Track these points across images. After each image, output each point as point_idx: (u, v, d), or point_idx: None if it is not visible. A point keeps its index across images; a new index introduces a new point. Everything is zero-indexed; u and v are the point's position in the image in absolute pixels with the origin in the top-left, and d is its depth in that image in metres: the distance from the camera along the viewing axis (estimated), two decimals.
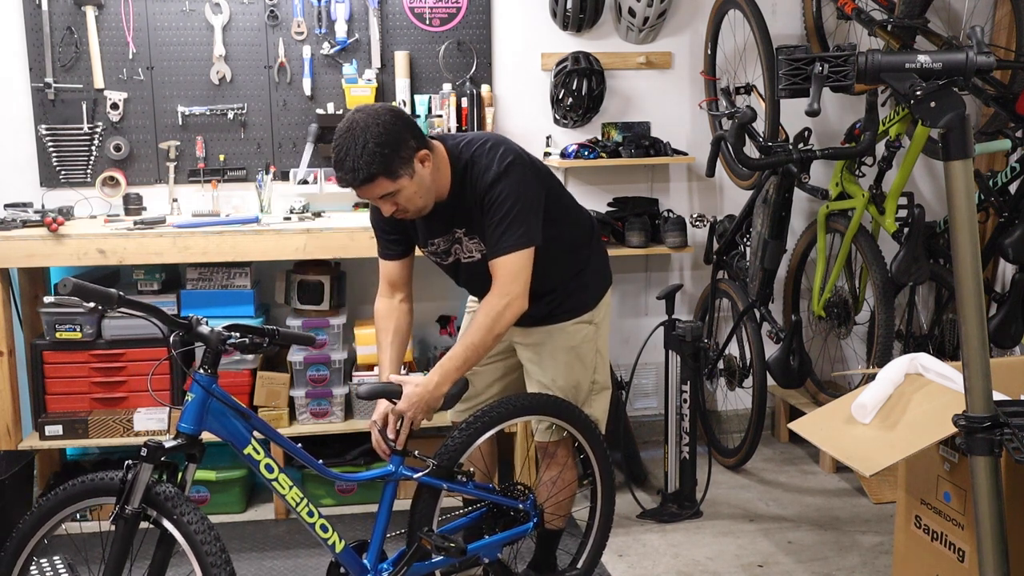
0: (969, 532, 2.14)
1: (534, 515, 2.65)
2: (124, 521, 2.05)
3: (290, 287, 3.67)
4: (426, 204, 2.38)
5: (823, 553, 3.25)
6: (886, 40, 3.52)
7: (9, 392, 3.39)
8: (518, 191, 2.35)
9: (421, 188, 2.33)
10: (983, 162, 4.11)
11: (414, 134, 2.30)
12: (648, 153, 4.00)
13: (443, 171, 2.40)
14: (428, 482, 2.44)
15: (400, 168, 2.25)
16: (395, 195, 2.30)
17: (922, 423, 2.11)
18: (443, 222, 2.48)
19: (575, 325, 2.66)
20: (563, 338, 2.65)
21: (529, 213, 2.38)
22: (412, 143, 2.28)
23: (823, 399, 3.97)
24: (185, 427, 2.11)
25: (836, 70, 1.76)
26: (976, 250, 1.70)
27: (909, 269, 3.34)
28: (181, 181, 3.85)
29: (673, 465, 3.56)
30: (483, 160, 2.38)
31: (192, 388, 2.13)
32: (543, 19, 4.08)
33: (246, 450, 2.19)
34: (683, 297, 4.36)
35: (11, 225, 3.35)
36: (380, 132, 2.22)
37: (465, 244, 2.50)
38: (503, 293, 2.37)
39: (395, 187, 2.27)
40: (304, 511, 2.27)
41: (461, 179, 2.40)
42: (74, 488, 2.12)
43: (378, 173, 2.23)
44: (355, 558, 2.37)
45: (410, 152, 2.27)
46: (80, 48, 3.73)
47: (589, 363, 2.71)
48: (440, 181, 2.40)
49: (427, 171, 2.32)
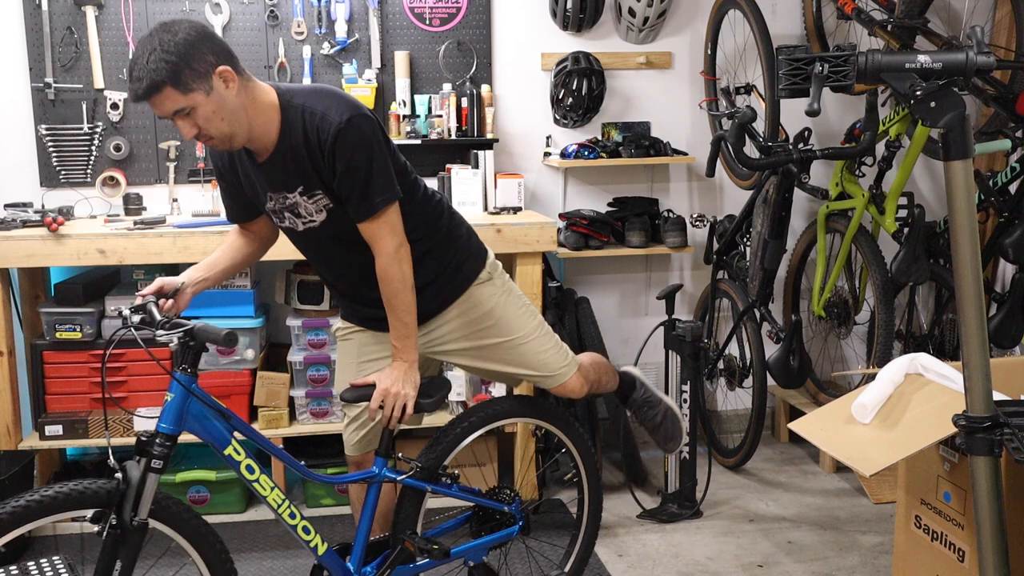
0: (969, 532, 2.14)
1: (520, 518, 2.64)
2: (128, 532, 2.01)
3: (290, 287, 3.67)
4: (233, 132, 2.17)
5: (823, 553, 3.25)
6: (886, 40, 3.52)
7: (9, 392, 3.39)
8: (367, 145, 2.20)
9: (222, 109, 2.12)
10: (983, 162, 4.11)
11: (215, 51, 2.10)
12: (648, 153, 4.00)
13: (268, 115, 2.20)
14: (412, 484, 2.42)
15: (192, 81, 2.05)
16: (191, 113, 2.10)
17: (922, 423, 2.11)
18: (275, 176, 2.28)
19: (476, 288, 2.51)
20: (474, 308, 2.51)
21: (384, 165, 2.24)
22: (210, 57, 2.08)
23: (823, 399, 3.97)
24: (165, 427, 2.07)
25: (836, 70, 1.76)
26: (976, 250, 1.70)
27: (909, 269, 3.34)
28: (181, 181, 3.85)
29: (673, 465, 3.56)
30: (319, 108, 2.19)
31: (171, 388, 2.10)
32: (543, 19, 4.08)
33: (226, 451, 2.16)
34: (683, 297, 4.36)
35: (11, 225, 3.35)
36: (172, 41, 2.04)
37: (303, 207, 2.29)
38: (387, 251, 2.26)
39: (187, 102, 2.07)
40: (286, 513, 2.24)
41: (292, 128, 2.20)
42: (59, 497, 2.00)
43: (164, 82, 2.03)
44: (338, 561, 2.35)
45: (206, 66, 2.07)
46: (80, 48, 3.73)
47: (516, 313, 2.55)
48: (263, 123, 2.20)
49: (231, 93, 2.12)
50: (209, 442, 2.16)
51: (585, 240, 3.95)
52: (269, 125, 2.21)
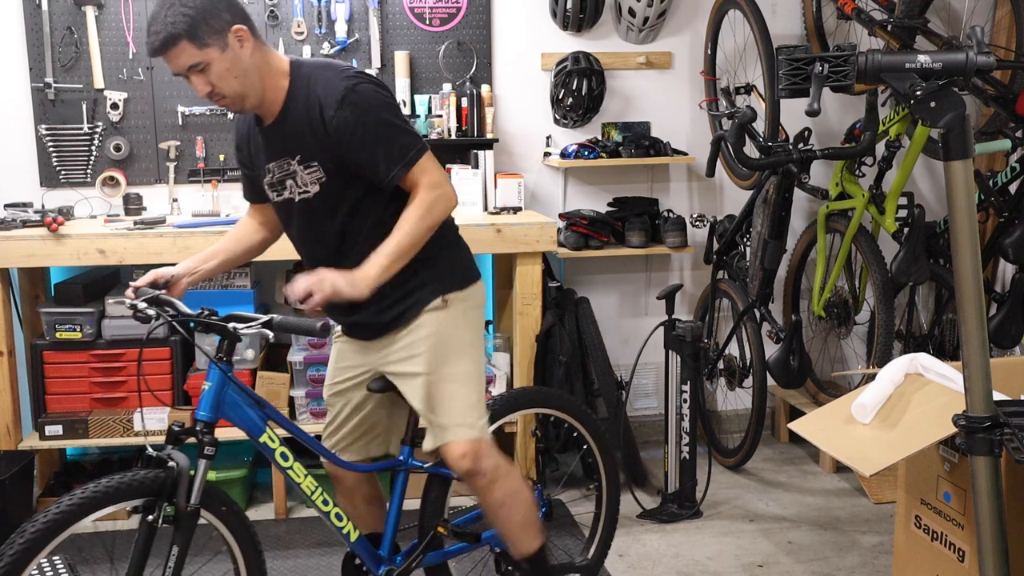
0: (969, 532, 2.14)
1: (543, 506, 2.67)
2: (182, 520, 2.03)
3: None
4: (245, 92, 2.17)
5: (823, 553, 3.25)
6: (886, 40, 3.52)
7: (9, 392, 3.39)
8: (379, 102, 2.16)
9: (236, 68, 2.13)
10: (983, 162, 4.11)
11: (232, 10, 2.13)
12: (648, 153, 4.00)
13: (278, 80, 2.21)
14: (438, 472, 2.43)
15: (208, 36, 2.08)
16: (204, 70, 2.11)
17: (922, 423, 2.11)
18: (277, 143, 2.27)
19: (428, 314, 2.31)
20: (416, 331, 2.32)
21: (403, 120, 2.20)
22: (226, 15, 2.11)
23: (823, 399, 3.97)
24: (203, 415, 2.11)
25: (836, 70, 1.76)
26: (976, 250, 1.70)
27: (909, 269, 3.34)
28: (181, 181, 3.85)
29: (673, 465, 3.56)
30: (325, 76, 2.19)
31: (209, 376, 2.13)
32: (543, 19, 4.08)
33: (262, 438, 2.20)
34: (683, 297, 4.36)
35: (11, 225, 3.35)
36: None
37: (300, 176, 2.25)
38: (426, 186, 2.18)
39: (202, 57, 2.09)
40: (319, 500, 2.28)
41: (297, 93, 2.21)
42: (113, 489, 2.00)
43: (181, 35, 2.06)
44: (370, 548, 2.39)
45: (223, 24, 2.10)
46: (80, 48, 3.73)
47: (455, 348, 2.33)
48: (273, 88, 2.21)
49: (246, 52, 2.14)
50: (244, 430, 2.19)
51: (585, 240, 3.95)
52: (278, 91, 2.22)
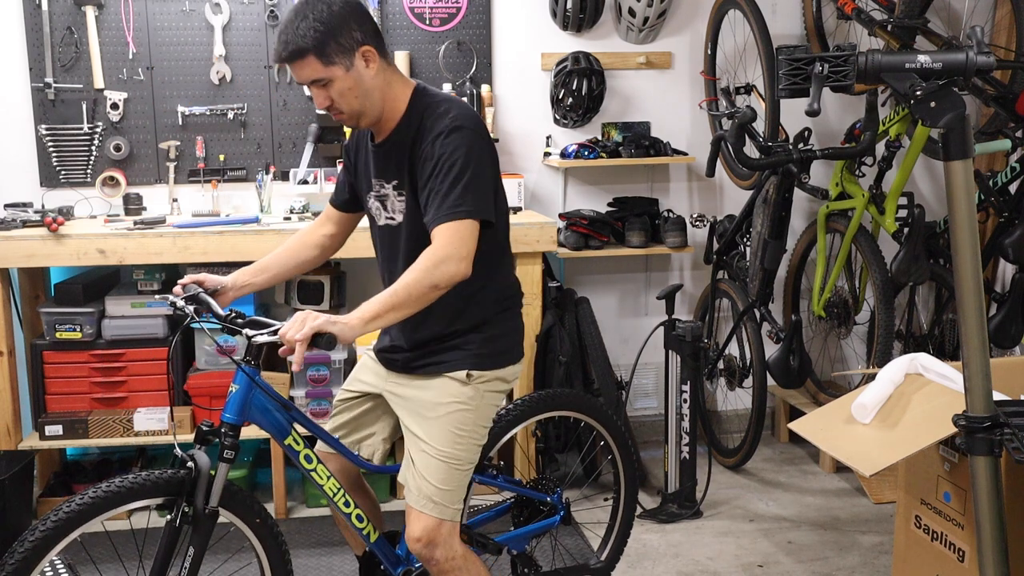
0: (969, 532, 2.14)
1: (561, 508, 2.67)
2: (200, 520, 2.04)
3: (290, 287, 3.67)
4: (363, 111, 2.16)
5: (823, 553, 3.25)
6: (886, 40, 3.52)
7: (9, 392, 3.39)
8: (470, 153, 2.11)
9: (358, 87, 2.13)
10: (983, 162, 4.11)
11: (363, 29, 2.12)
12: (648, 153, 4.00)
13: (398, 104, 2.20)
14: None
15: (335, 54, 2.08)
16: (327, 85, 2.12)
17: (922, 423, 2.11)
18: (379, 163, 2.26)
19: (450, 381, 2.26)
20: (440, 394, 2.26)
21: (481, 181, 2.12)
22: (357, 35, 2.10)
23: (823, 399, 3.97)
24: (229, 417, 2.11)
25: (836, 70, 1.76)
26: (976, 250, 1.70)
27: (909, 269, 3.34)
28: (181, 181, 3.85)
29: (673, 465, 3.56)
30: (439, 109, 2.16)
31: (236, 379, 2.13)
32: (543, 19, 4.08)
33: (287, 441, 2.21)
34: (683, 297, 4.36)
35: (11, 225, 3.35)
36: (325, 11, 2.07)
37: (390, 201, 2.25)
38: (444, 245, 2.06)
39: (326, 74, 2.09)
40: (341, 501, 2.29)
41: (410, 120, 2.19)
42: (132, 487, 2.00)
43: (308, 50, 2.06)
44: (389, 548, 2.40)
45: (351, 42, 2.09)
46: (80, 48, 3.73)
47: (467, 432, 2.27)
48: (391, 110, 2.19)
49: (370, 73, 2.13)
50: (270, 432, 2.20)
51: (585, 240, 3.95)
52: (394, 113, 2.21)
